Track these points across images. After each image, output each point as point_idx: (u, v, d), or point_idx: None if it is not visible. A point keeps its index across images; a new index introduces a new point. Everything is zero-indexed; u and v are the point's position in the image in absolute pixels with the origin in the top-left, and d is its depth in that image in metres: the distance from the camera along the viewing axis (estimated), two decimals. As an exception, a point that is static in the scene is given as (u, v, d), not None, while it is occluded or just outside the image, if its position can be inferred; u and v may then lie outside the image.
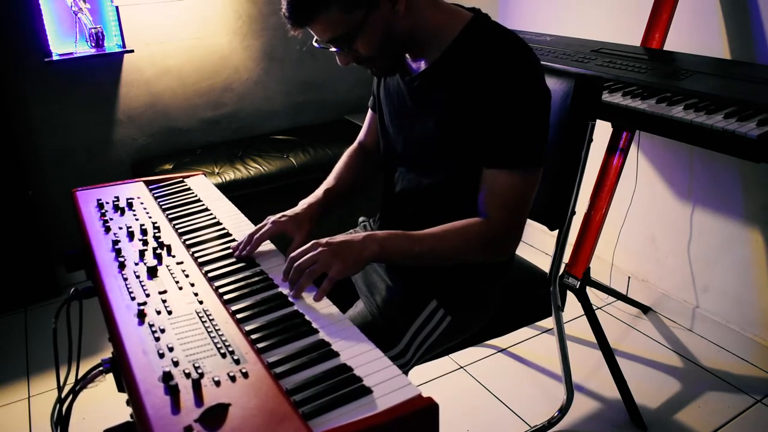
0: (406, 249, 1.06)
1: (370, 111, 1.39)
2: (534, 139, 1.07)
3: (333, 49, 1.07)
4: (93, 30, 2.27)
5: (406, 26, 1.06)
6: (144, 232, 1.19)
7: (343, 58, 1.09)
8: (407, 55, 1.17)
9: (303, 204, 1.24)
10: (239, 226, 1.25)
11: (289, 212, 1.20)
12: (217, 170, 2.37)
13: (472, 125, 1.08)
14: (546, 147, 1.09)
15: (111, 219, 1.26)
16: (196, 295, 0.97)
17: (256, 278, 1.04)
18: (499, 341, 2.07)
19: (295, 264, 1.00)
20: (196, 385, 0.74)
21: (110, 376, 0.96)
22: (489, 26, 1.09)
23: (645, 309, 2.27)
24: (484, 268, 1.25)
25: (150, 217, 1.27)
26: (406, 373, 1.15)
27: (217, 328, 0.87)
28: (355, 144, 1.43)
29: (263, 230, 1.14)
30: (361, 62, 1.10)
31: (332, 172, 1.36)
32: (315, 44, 1.08)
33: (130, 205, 1.32)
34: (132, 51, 2.33)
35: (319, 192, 1.29)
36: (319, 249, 1.00)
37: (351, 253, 1.01)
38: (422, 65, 1.14)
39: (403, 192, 1.26)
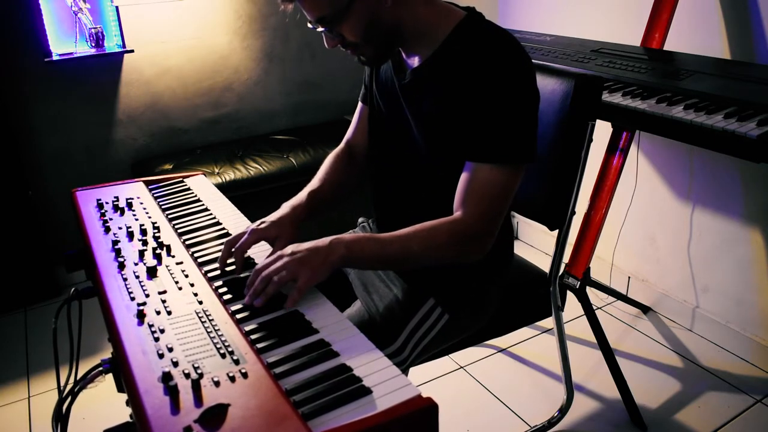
0: (374, 251, 1.03)
1: (360, 104, 1.36)
2: (518, 135, 1.05)
3: (320, 29, 1.08)
4: (93, 30, 2.27)
5: (393, 19, 1.06)
6: (144, 232, 1.19)
7: (330, 40, 1.10)
8: (402, 52, 1.18)
9: (286, 207, 1.20)
10: (239, 226, 1.25)
11: (270, 218, 1.15)
12: (217, 170, 2.37)
13: (461, 123, 1.07)
14: (533, 146, 1.08)
15: (111, 219, 1.26)
16: (195, 295, 0.97)
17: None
18: (499, 341, 2.07)
19: (261, 274, 0.97)
20: (196, 386, 0.74)
21: (110, 376, 0.96)
22: (481, 25, 1.09)
23: (645, 309, 2.27)
24: (482, 268, 1.24)
25: (150, 217, 1.27)
26: (404, 371, 1.15)
27: (216, 328, 0.87)
28: (342, 145, 1.39)
29: (242, 240, 1.08)
30: (347, 47, 1.10)
31: (317, 173, 1.32)
32: (309, 25, 1.09)
33: (129, 205, 1.32)
34: (132, 51, 2.33)
35: (303, 194, 1.24)
36: (285, 259, 0.98)
37: (317, 259, 0.99)
38: (415, 63, 1.14)
39: (399, 191, 1.26)
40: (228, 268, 1.07)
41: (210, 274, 1.04)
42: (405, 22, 1.08)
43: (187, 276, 1.03)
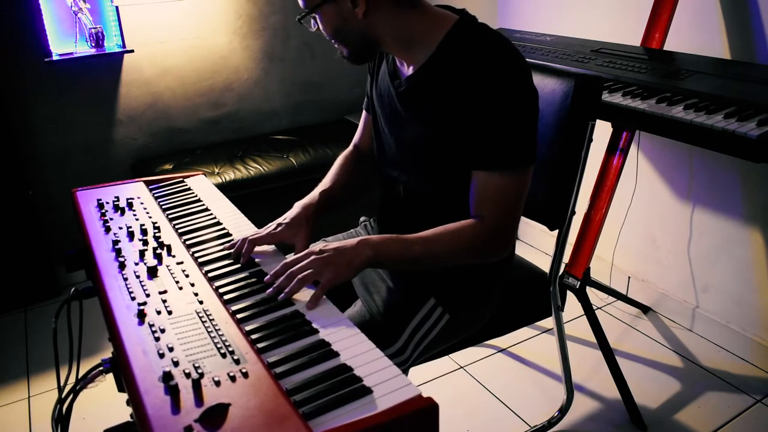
0: (399, 252, 1.06)
1: (364, 112, 1.40)
2: (523, 139, 1.07)
3: (303, 14, 1.11)
4: (93, 30, 2.27)
5: (365, 28, 1.08)
6: (144, 232, 1.19)
7: (312, 24, 1.14)
8: (396, 60, 1.18)
9: (298, 206, 1.24)
10: (239, 226, 1.25)
11: (285, 219, 1.20)
12: (217, 170, 2.37)
13: (460, 130, 1.08)
14: (536, 146, 1.09)
15: (111, 219, 1.26)
16: (196, 295, 0.97)
17: (256, 278, 1.04)
18: (499, 341, 2.07)
19: (288, 270, 1.00)
20: (196, 385, 0.74)
21: (110, 376, 0.96)
22: (474, 28, 1.09)
23: (645, 309, 2.27)
24: (482, 267, 1.24)
25: (150, 217, 1.27)
26: (405, 371, 1.15)
27: (217, 328, 0.87)
28: (351, 146, 1.43)
29: (258, 236, 1.13)
30: (327, 37, 1.14)
31: (328, 174, 1.36)
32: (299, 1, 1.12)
33: (130, 205, 1.32)
34: (132, 51, 2.33)
35: (315, 193, 1.29)
36: (312, 257, 1.01)
37: (344, 259, 1.02)
38: (410, 70, 1.15)
39: (400, 195, 1.26)
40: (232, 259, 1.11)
41: (210, 274, 1.04)
42: (385, 31, 1.09)
43: (187, 276, 1.03)
